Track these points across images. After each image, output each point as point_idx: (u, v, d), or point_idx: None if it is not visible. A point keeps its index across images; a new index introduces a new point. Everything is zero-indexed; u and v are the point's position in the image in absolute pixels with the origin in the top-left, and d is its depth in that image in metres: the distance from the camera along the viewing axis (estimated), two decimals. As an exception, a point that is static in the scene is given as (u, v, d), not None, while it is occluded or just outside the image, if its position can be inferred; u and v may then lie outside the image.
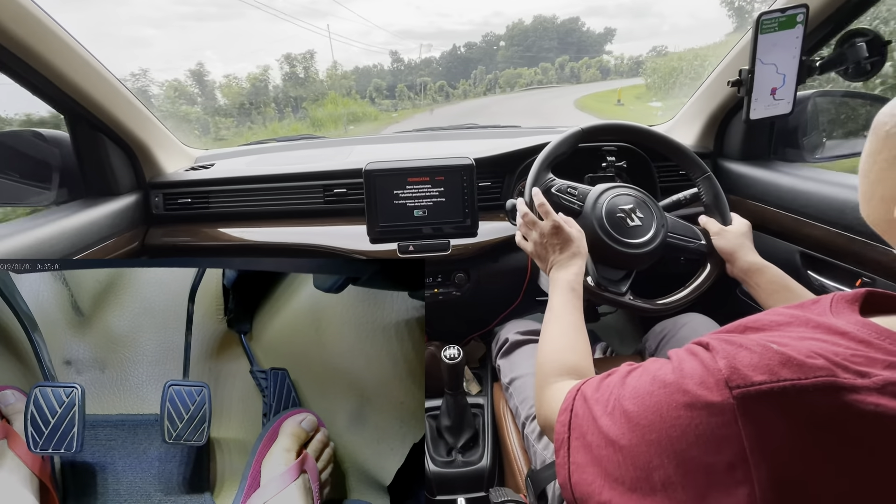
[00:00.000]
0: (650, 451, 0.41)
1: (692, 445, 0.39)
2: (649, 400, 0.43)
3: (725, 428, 0.37)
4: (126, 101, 1.25)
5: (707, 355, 0.42)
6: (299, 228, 1.32)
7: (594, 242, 0.98)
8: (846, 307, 0.46)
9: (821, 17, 0.99)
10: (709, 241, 1.03)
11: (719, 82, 1.28)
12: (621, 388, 0.48)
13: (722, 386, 0.38)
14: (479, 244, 1.27)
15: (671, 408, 0.41)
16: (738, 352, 0.40)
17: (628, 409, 0.45)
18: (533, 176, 1.01)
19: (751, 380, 0.37)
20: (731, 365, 0.39)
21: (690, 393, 0.40)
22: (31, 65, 0.99)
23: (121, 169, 1.34)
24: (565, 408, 0.55)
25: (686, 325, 1.13)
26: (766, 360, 0.38)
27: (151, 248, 1.35)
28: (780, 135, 1.29)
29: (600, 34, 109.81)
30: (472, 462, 1.11)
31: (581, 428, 0.51)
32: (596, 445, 0.47)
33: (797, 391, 0.36)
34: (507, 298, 1.33)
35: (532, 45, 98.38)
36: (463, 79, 63.68)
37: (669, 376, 0.43)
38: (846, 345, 0.40)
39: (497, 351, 1.22)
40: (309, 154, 1.63)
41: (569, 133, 1.05)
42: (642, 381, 0.46)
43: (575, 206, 1.02)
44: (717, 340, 0.43)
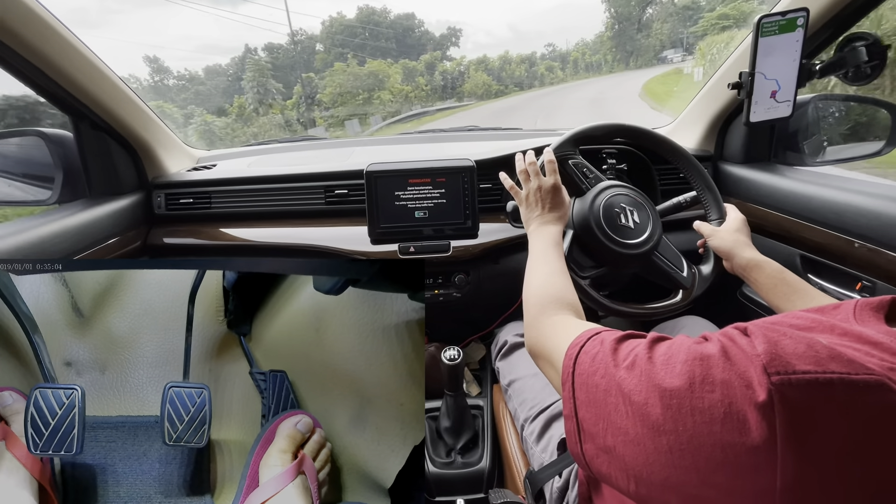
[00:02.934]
0: (666, 414, 0.40)
1: (716, 421, 0.37)
2: (681, 367, 0.41)
3: (759, 411, 0.35)
4: (129, 101, 1.25)
5: (745, 340, 0.40)
6: (300, 229, 1.33)
7: (582, 225, 0.99)
8: (871, 315, 0.44)
9: (821, 21, 0.99)
10: (692, 277, 1.03)
11: (720, 85, 1.28)
12: (648, 349, 0.46)
13: (760, 371, 0.37)
14: (479, 246, 1.27)
15: (704, 380, 0.39)
16: (780, 339, 0.39)
17: (654, 369, 0.43)
18: (560, 142, 1.04)
19: (793, 367, 0.36)
20: (771, 350, 0.37)
21: (729, 370, 0.38)
22: (37, 65, 1.00)
23: (124, 169, 1.35)
24: (577, 342, 0.54)
25: (685, 328, 1.13)
26: (814, 351, 0.37)
27: (153, 248, 1.35)
28: (781, 138, 1.29)
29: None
30: (471, 463, 1.11)
31: (589, 366, 0.50)
32: (604, 390, 0.47)
33: (846, 384, 0.35)
34: (507, 300, 1.33)
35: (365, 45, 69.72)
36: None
37: (708, 349, 0.41)
38: (880, 356, 0.38)
39: (496, 353, 1.23)
40: (310, 155, 1.63)
41: (600, 122, 1.07)
42: (675, 349, 0.44)
43: (583, 186, 1.03)
44: (757, 326, 0.42)
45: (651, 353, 0.45)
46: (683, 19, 55.48)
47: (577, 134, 1.05)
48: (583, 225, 0.99)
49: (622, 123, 1.09)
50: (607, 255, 0.99)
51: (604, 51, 67.94)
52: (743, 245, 0.96)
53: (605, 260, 1.01)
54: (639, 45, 62.54)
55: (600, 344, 0.51)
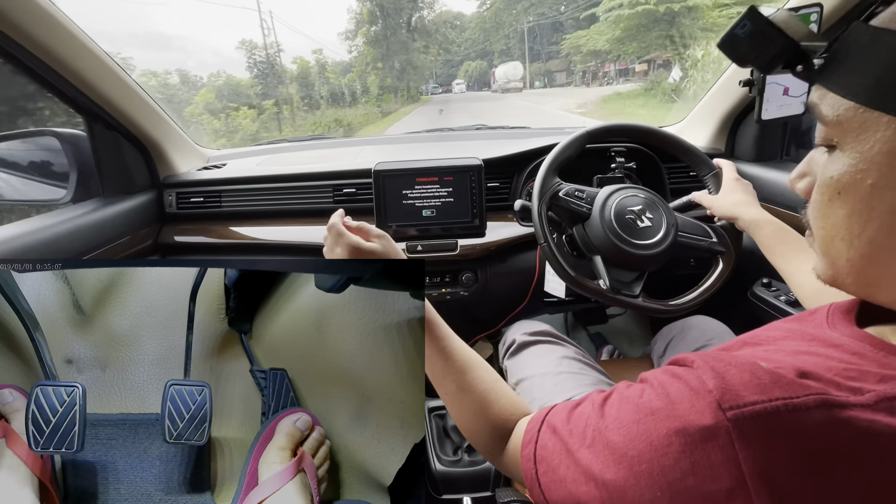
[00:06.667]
0: (640, 483, 0.39)
1: (687, 474, 0.36)
2: (636, 428, 0.40)
3: (722, 452, 0.35)
4: (142, 102, 1.27)
5: (692, 375, 0.40)
6: (309, 228, 1.34)
7: (605, 245, 0.98)
8: (842, 318, 0.44)
9: (835, 17, 0.97)
10: (721, 237, 1.02)
11: (731, 82, 1.26)
12: (600, 418, 0.45)
13: (714, 407, 0.36)
14: (487, 244, 1.27)
15: (661, 435, 0.38)
16: (727, 370, 0.38)
17: (612, 440, 0.42)
18: (540, 181, 1.01)
19: (744, 400, 0.35)
20: (721, 385, 0.37)
21: (682, 418, 0.38)
22: (52, 66, 1.02)
23: (136, 168, 1.37)
24: (529, 440, 0.52)
25: (695, 328, 1.12)
26: (757, 379, 0.36)
27: (164, 247, 1.37)
28: (793, 136, 1.27)
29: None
30: (478, 462, 1.11)
31: (550, 461, 0.48)
32: (572, 481, 0.45)
33: (790, 410, 0.34)
34: (514, 299, 1.32)
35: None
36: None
37: (655, 402, 0.40)
38: (839, 357, 0.38)
39: (504, 352, 1.22)
40: (319, 154, 1.64)
41: (574, 136, 1.05)
42: (624, 409, 0.43)
43: (583, 209, 1.02)
44: (702, 359, 0.41)
45: (603, 419, 0.44)
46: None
47: (551, 163, 1.04)
48: (605, 245, 0.98)
49: (591, 129, 1.07)
50: (637, 261, 0.99)
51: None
52: (742, 206, 0.97)
53: (639, 266, 1.01)
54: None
55: (552, 433, 0.49)
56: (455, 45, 67.81)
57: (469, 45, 68.55)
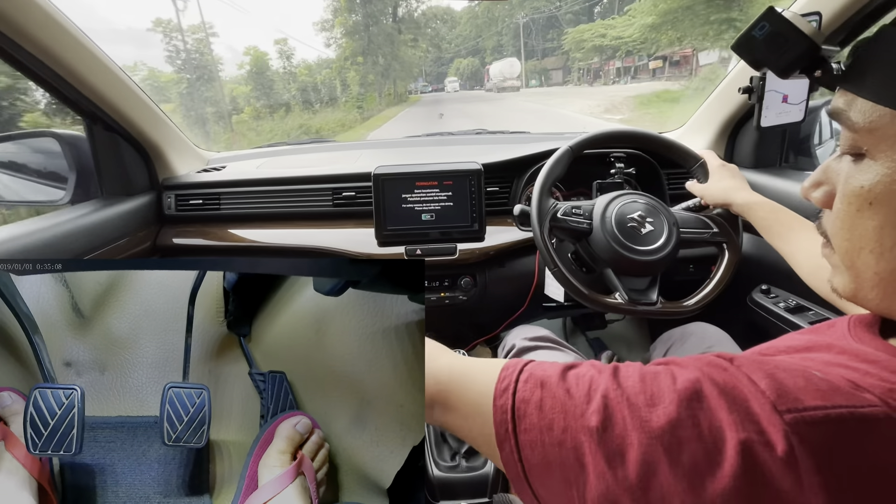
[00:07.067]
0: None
1: (737, 476, 0.32)
2: (671, 409, 0.35)
3: (781, 460, 0.31)
4: (141, 103, 1.27)
5: (739, 373, 0.36)
6: (308, 231, 1.34)
7: (611, 255, 0.98)
8: (866, 331, 0.41)
9: (834, 25, 0.97)
10: (720, 226, 1.03)
11: (730, 89, 1.27)
12: (614, 382, 0.39)
13: (769, 410, 0.32)
14: (486, 249, 1.27)
15: (714, 428, 0.33)
16: (775, 372, 0.35)
17: (642, 414, 0.36)
18: (535, 206, 1.01)
19: (803, 404, 0.32)
20: (775, 387, 0.33)
21: (724, 410, 0.33)
22: (53, 68, 1.02)
23: (135, 170, 1.37)
24: (504, 386, 0.43)
25: (694, 335, 1.11)
26: (814, 385, 0.33)
27: (163, 249, 1.37)
28: (792, 143, 1.27)
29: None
30: (476, 467, 1.11)
31: (533, 419, 0.40)
32: (570, 447, 0.38)
33: (856, 420, 0.32)
34: (513, 304, 1.32)
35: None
36: None
37: (694, 386, 0.36)
38: (878, 374, 0.35)
39: (504, 357, 1.22)
40: (318, 157, 1.64)
41: (557, 155, 1.05)
42: (658, 384, 0.37)
43: (583, 225, 1.02)
44: (747, 358, 0.37)
45: (620, 388, 0.38)
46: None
47: (543, 186, 1.03)
48: (612, 257, 0.99)
49: (573, 143, 1.07)
50: (645, 266, 0.99)
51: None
52: (733, 191, 0.97)
53: (648, 271, 1.02)
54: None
55: (540, 386, 0.42)
56: (445, 42, 66.02)
57: (460, 41, 67.26)
